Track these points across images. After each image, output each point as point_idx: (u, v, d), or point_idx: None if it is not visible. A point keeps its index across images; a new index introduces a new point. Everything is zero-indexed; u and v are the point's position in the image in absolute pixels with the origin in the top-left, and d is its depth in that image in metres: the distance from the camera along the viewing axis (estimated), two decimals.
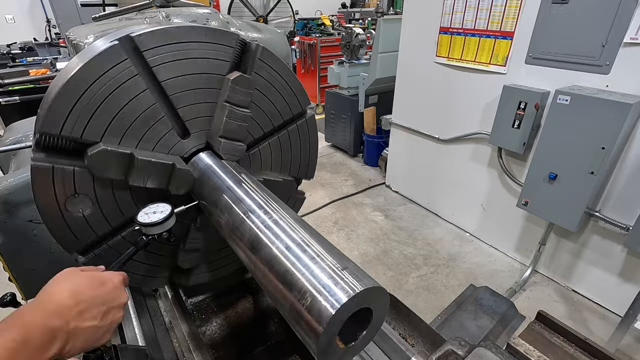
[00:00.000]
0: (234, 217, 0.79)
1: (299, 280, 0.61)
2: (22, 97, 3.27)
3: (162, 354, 1.06)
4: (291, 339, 1.26)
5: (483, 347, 0.87)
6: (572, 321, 2.70)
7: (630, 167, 2.38)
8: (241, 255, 0.77)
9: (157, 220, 0.84)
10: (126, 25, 1.52)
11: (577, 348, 1.02)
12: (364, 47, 5.33)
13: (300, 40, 7.15)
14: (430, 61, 3.50)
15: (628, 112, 2.08)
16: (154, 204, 0.89)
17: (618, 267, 2.62)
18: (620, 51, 2.25)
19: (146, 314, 1.18)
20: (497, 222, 3.39)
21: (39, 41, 5.65)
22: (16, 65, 4.22)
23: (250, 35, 1.71)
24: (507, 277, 3.13)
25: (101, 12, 2.92)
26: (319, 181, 4.77)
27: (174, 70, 0.87)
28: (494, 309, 1.61)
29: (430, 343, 1.03)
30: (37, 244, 1.26)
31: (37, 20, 7.55)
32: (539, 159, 2.58)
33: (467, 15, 3.04)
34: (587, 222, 2.69)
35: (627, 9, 2.16)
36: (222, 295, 1.42)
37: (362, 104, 4.90)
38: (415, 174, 4.15)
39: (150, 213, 0.86)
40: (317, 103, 7.28)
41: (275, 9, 8.61)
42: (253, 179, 0.91)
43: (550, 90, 2.62)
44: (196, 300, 1.39)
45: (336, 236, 3.68)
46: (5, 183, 1.21)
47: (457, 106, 3.41)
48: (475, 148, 3.37)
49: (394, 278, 3.13)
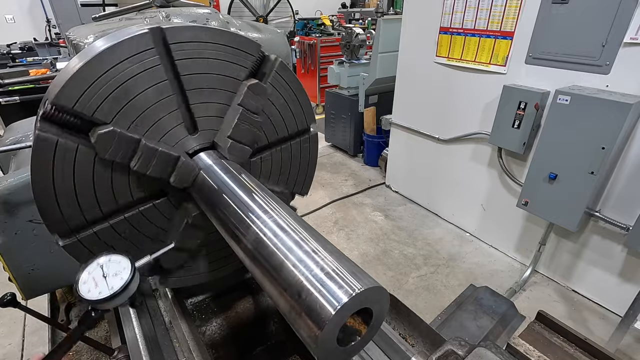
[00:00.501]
0: (233, 216, 0.79)
1: (299, 280, 0.61)
2: (22, 97, 3.28)
3: (162, 354, 1.06)
4: (291, 339, 1.26)
5: (483, 347, 0.87)
6: (572, 321, 2.70)
7: (630, 167, 2.38)
8: (241, 254, 0.77)
9: (114, 292, 0.63)
10: (126, 25, 1.52)
11: (577, 348, 1.02)
12: (364, 47, 5.33)
13: (300, 40, 7.15)
14: (430, 61, 3.50)
15: (628, 112, 2.08)
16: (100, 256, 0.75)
17: (618, 267, 2.62)
18: (620, 51, 2.25)
19: (146, 314, 1.18)
20: (497, 222, 3.39)
21: (39, 41, 5.65)
22: (16, 65, 4.22)
23: (250, 35, 1.71)
24: (507, 277, 3.13)
25: (101, 12, 2.92)
26: (319, 181, 4.77)
27: (194, 67, 0.89)
28: (494, 309, 1.61)
29: (430, 343, 1.03)
30: (37, 244, 1.26)
31: (37, 20, 7.55)
32: (539, 159, 2.58)
33: (467, 15, 3.04)
34: (587, 222, 2.69)
35: (627, 9, 2.16)
36: (222, 295, 1.42)
37: (362, 104, 4.90)
38: (415, 174, 4.15)
39: (98, 277, 0.65)
40: (317, 103, 7.28)
41: (275, 9, 8.61)
42: (253, 179, 0.91)
43: (550, 90, 2.62)
44: (196, 300, 1.39)
45: (336, 236, 3.68)
46: (5, 183, 1.21)
47: (457, 106, 3.41)
48: (475, 148, 3.37)
49: (394, 278, 3.13)
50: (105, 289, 0.63)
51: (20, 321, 2.62)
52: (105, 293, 0.62)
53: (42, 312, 1.82)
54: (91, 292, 0.62)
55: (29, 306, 1.57)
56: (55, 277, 1.35)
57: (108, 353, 1.93)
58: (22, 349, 2.44)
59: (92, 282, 0.63)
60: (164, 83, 0.86)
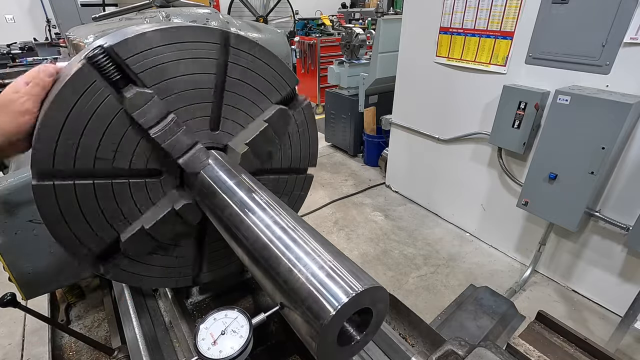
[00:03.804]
0: (233, 216, 0.79)
1: (299, 279, 0.61)
2: None
3: (162, 354, 1.06)
4: (291, 339, 1.26)
5: (483, 347, 0.87)
6: (572, 321, 2.70)
7: (630, 167, 2.38)
8: (240, 254, 0.77)
9: (234, 355, 0.61)
10: (126, 25, 1.52)
11: (577, 348, 1.03)
12: (364, 47, 5.33)
13: (300, 40, 7.15)
14: (430, 61, 3.50)
15: (628, 112, 2.08)
16: (216, 312, 0.69)
17: (618, 267, 2.62)
18: (620, 51, 2.25)
19: (146, 314, 1.18)
20: (497, 222, 3.40)
21: (39, 41, 5.65)
22: (16, 65, 4.22)
23: (250, 35, 1.71)
24: (507, 277, 3.13)
25: (101, 12, 2.92)
26: (319, 181, 4.78)
27: (241, 74, 0.97)
28: (494, 309, 1.61)
29: (430, 343, 1.03)
30: (37, 244, 1.26)
31: (37, 20, 7.55)
32: (539, 159, 2.58)
33: (467, 15, 3.04)
34: (587, 222, 2.69)
35: (627, 9, 2.16)
36: (222, 295, 1.41)
37: (362, 104, 4.90)
38: (415, 174, 4.15)
39: (216, 334, 0.62)
40: (317, 103, 7.28)
41: (275, 9, 8.61)
42: (253, 179, 0.91)
43: (550, 90, 2.62)
44: (196, 300, 1.38)
45: (336, 236, 3.68)
46: (5, 183, 1.21)
47: (457, 106, 3.41)
48: (475, 148, 3.37)
49: (394, 278, 3.13)
50: (226, 347, 0.62)
51: (20, 321, 2.62)
52: (226, 353, 0.61)
53: (42, 312, 1.82)
54: (211, 350, 0.62)
55: (29, 306, 1.58)
56: (55, 277, 1.35)
57: (108, 353, 1.93)
58: (22, 349, 2.44)
59: (210, 339, 0.62)
60: (210, 75, 0.92)
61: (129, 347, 1.03)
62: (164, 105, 0.85)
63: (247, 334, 0.63)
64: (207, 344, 0.63)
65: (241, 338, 0.63)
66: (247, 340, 0.63)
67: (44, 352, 2.27)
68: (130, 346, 1.03)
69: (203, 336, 0.63)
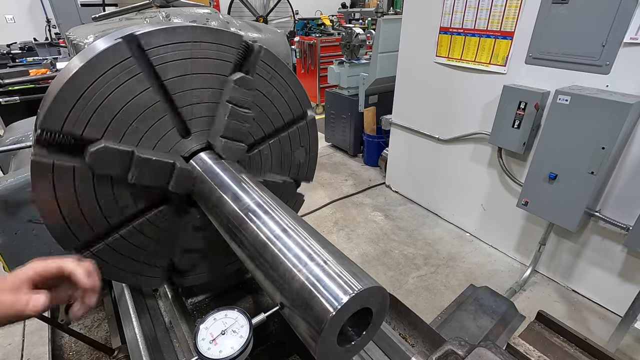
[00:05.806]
0: (233, 217, 0.79)
1: (299, 279, 0.61)
2: (22, 97, 3.27)
3: (162, 354, 1.06)
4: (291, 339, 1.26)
5: (483, 347, 0.86)
6: (572, 321, 2.70)
7: (630, 167, 2.38)
8: (241, 255, 0.77)
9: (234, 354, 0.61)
10: (126, 25, 1.52)
11: (577, 348, 1.02)
12: (364, 47, 5.33)
13: (300, 40, 7.14)
14: (430, 61, 3.50)
15: (628, 112, 2.08)
16: (216, 312, 0.69)
17: (618, 267, 2.62)
18: (620, 51, 2.25)
19: (146, 314, 1.18)
20: (497, 222, 3.39)
21: (39, 41, 5.64)
22: (16, 65, 4.22)
23: (250, 35, 1.71)
24: (507, 277, 3.13)
25: (101, 12, 2.92)
26: (319, 181, 4.77)
27: (176, 70, 0.87)
28: (494, 309, 1.60)
29: (430, 343, 1.03)
30: (37, 244, 1.26)
31: (37, 20, 7.55)
32: (538, 159, 2.58)
33: (467, 15, 3.04)
34: (587, 222, 2.69)
35: (627, 9, 2.16)
36: (222, 295, 1.41)
37: (362, 104, 4.90)
38: (415, 174, 4.15)
39: (216, 334, 0.63)
40: (317, 103, 7.28)
41: (275, 9, 8.61)
42: (253, 179, 0.91)
43: (550, 90, 2.62)
44: (196, 300, 1.38)
45: (336, 236, 3.68)
46: (5, 183, 1.21)
47: (457, 106, 3.41)
48: (475, 148, 3.37)
49: (394, 278, 3.13)
50: (226, 347, 0.62)
51: (20, 321, 2.62)
52: (226, 353, 0.61)
53: None
54: (211, 350, 0.62)
55: None
56: None
57: (108, 353, 1.93)
58: (22, 349, 2.43)
59: (209, 339, 0.62)
60: (147, 91, 0.85)
61: (129, 347, 1.03)
62: (124, 146, 0.82)
63: (247, 334, 0.64)
64: (207, 344, 0.63)
65: (241, 338, 0.63)
66: (247, 340, 0.63)
67: (44, 352, 2.27)
68: (130, 346, 1.03)
69: (203, 336, 0.64)
